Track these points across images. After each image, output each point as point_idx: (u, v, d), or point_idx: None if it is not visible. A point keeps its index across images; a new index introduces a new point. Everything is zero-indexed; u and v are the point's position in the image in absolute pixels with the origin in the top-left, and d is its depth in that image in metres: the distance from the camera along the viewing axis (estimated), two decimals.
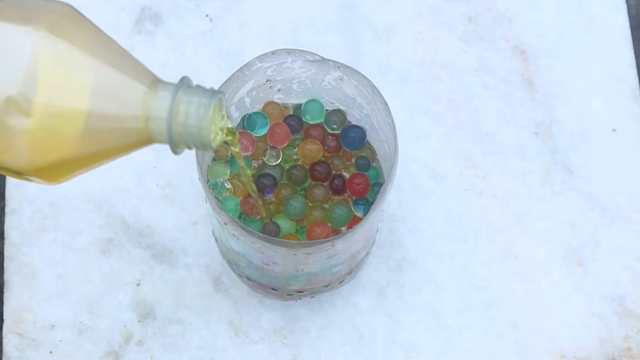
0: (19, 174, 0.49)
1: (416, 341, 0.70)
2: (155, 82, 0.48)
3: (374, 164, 0.64)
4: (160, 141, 0.49)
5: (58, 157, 0.49)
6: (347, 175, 0.63)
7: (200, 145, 0.49)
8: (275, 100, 0.64)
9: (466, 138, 0.74)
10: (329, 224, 0.62)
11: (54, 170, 0.50)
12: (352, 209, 0.62)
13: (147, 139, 0.49)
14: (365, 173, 0.63)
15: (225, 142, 0.53)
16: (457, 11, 0.77)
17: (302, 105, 0.64)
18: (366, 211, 0.63)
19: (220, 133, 0.50)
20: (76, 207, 0.72)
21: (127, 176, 0.72)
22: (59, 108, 0.47)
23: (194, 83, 0.49)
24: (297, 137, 0.64)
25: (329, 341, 0.69)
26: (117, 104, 0.47)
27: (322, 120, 0.64)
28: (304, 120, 0.64)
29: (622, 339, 0.70)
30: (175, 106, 0.47)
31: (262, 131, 0.64)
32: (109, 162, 0.51)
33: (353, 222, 0.62)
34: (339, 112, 0.64)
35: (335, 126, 0.64)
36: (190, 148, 0.49)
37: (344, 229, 0.62)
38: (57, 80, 0.46)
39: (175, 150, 0.49)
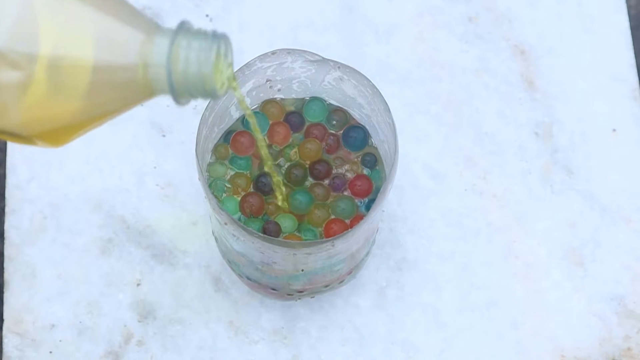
0: (20, 137, 0.46)
1: (416, 341, 0.70)
2: (154, 29, 0.45)
3: (377, 165, 0.64)
4: (163, 92, 0.45)
5: (58, 115, 0.46)
6: (346, 173, 0.63)
7: (203, 93, 0.45)
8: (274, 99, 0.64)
9: (466, 138, 0.74)
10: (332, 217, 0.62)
11: (56, 131, 0.46)
12: (356, 203, 0.63)
13: (149, 91, 0.46)
14: (371, 171, 0.63)
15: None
16: (457, 11, 0.77)
17: (304, 104, 0.64)
18: (368, 208, 0.63)
19: (225, 82, 0.47)
20: (76, 207, 0.72)
21: (127, 176, 0.72)
22: (56, 61, 0.44)
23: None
24: (298, 133, 0.64)
25: (329, 341, 0.69)
26: (116, 53, 0.44)
27: (323, 119, 0.64)
28: (305, 118, 0.64)
29: (622, 339, 0.70)
30: (174, 52, 0.44)
31: (263, 131, 0.64)
32: (112, 118, 0.47)
33: (357, 216, 0.62)
34: (340, 112, 0.64)
35: (334, 122, 0.64)
36: (194, 98, 0.46)
37: (348, 222, 0.62)
38: (55, 31, 0.44)
39: (178, 100, 0.46)
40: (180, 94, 0.45)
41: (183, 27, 0.45)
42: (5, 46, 0.43)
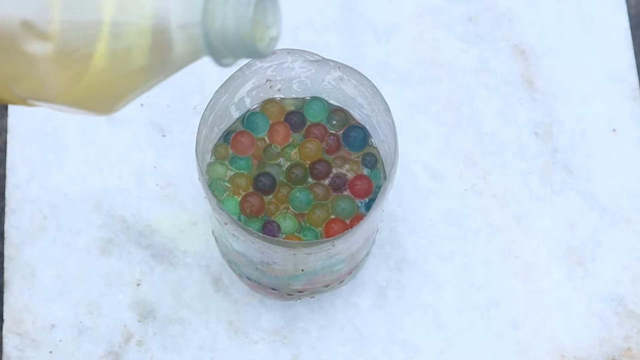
0: (61, 105, 0.43)
1: (416, 341, 0.70)
2: None
3: (378, 165, 0.64)
4: (204, 52, 0.42)
5: (115, 85, 0.42)
6: (346, 173, 0.63)
7: (245, 53, 0.42)
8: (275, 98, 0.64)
9: (466, 138, 0.74)
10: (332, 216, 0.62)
11: (93, 99, 0.43)
12: (356, 203, 0.63)
13: (192, 52, 0.42)
14: (371, 171, 0.63)
15: None
16: (457, 11, 0.77)
17: (305, 104, 0.64)
18: (368, 208, 0.63)
19: (272, 41, 0.43)
20: (76, 207, 0.72)
21: (127, 176, 0.72)
22: (117, 29, 0.41)
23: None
24: (299, 133, 0.64)
25: (329, 341, 0.69)
26: (146, 15, 0.41)
27: (323, 119, 0.64)
28: (306, 117, 0.64)
29: (622, 339, 0.70)
30: (209, 9, 0.41)
31: (263, 131, 0.64)
32: (157, 84, 0.44)
33: (357, 216, 0.62)
34: (341, 112, 0.64)
35: (334, 122, 0.64)
36: (238, 58, 0.42)
37: (348, 222, 0.62)
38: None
39: (220, 61, 0.42)
40: (221, 54, 0.42)
41: None
42: (33, 14, 0.40)
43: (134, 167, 0.73)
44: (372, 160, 0.63)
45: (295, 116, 0.64)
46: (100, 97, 0.43)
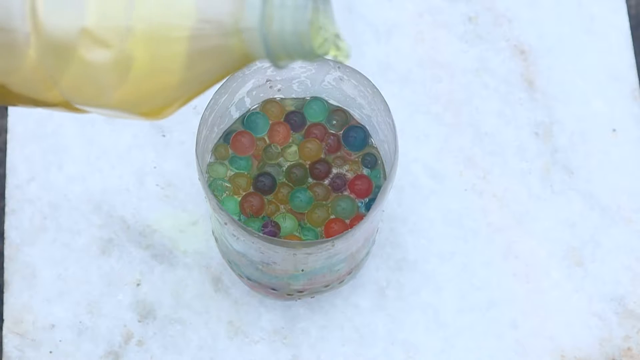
0: (122, 114, 0.43)
1: (416, 341, 0.70)
2: None
3: (378, 165, 0.64)
4: (261, 55, 0.42)
5: (158, 91, 0.42)
6: (346, 173, 0.63)
7: (302, 55, 0.42)
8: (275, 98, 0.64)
9: (466, 138, 0.74)
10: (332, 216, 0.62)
11: (158, 105, 0.43)
12: (356, 203, 0.63)
13: (246, 55, 0.42)
14: (371, 171, 0.63)
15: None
16: (457, 11, 0.77)
17: (305, 104, 0.64)
18: (368, 208, 0.63)
19: (326, 42, 0.44)
20: (76, 207, 0.72)
21: (127, 176, 0.72)
22: (152, 34, 0.41)
23: None
24: (299, 133, 0.64)
25: (329, 341, 0.69)
26: (211, 18, 0.41)
27: (324, 119, 0.64)
28: (306, 117, 0.64)
29: (622, 339, 0.70)
30: (267, 12, 0.41)
31: (263, 131, 0.64)
32: (211, 87, 0.44)
33: (357, 216, 0.62)
34: (341, 112, 0.64)
35: (334, 122, 0.64)
36: (294, 60, 0.42)
37: (348, 222, 0.62)
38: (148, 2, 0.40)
39: (277, 63, 0.42)
40: (279, 56, 0.42)
41: None
42: (96, 24, 0.40)
43: (134, 167, 0.73)
44: (372, 160, 0.63)
45: (295, 116, 0.64)
46: (154, 101, 0.43)
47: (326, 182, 0.63)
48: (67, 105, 0.43)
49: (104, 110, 0.43)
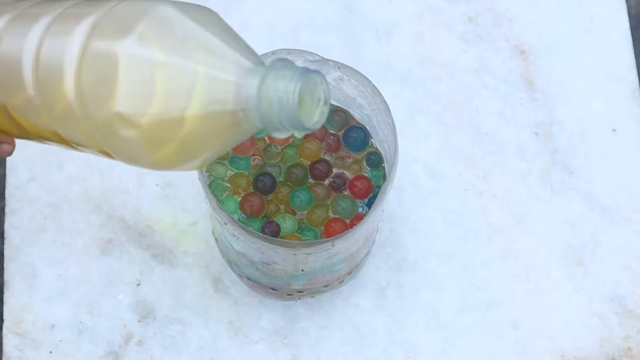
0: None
1: (416, 341, 0.70)
2: (248, 70, 0.48)
3: (382, 164, 0.64)
4: (259, 128, 0.49)
5: (179, 159, 0.50)
6: (346, 173, 0.63)
7: (295, 129, 0.48)
8: None
9: (466, 138, 0.74)
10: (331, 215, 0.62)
11: (172, 165, 0.51)
12: (356, 203, 0.63)
13: (250, 128, 0.49)
14: (372, 171, 0.63)
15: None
16: (457, 11, 0.77)
17: None
18: (368, 208, 0.63)
19: (318, 117, 0.49)
20: (76, 207, 0.72)
21: (127, 176, 0.72)
22: (164, 116, 0.48)
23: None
24: None
25: (329, 341, 0.69)
26: (214, 102, 0.48)
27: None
28: None
29: (622, 339, 0.70)
30: (262, 96, 0.47)
31: (263, 132, 0.64)
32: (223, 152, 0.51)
33: (357, 216, 0.62)
34: (341, 112, 0.64)
35: (335, 123, 0.64)
36: (290, 132, 0.48)
37: (348, 222, 0.62)
38: (166, 89, 0.47)
39: (273, 134, 0.48)
40: (275, 129, 0.48)
41: (273, 67, 0.48)
42: (125, 109, 0.48)
43: (134, 167, 0.73)
44: (376, 159, 0.63)
45: None
46: (181, 163, 0.51)
47: (326, 182, 0.63)
48: (109, 157, 0.52)
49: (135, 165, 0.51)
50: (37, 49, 0.50)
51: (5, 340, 0.69)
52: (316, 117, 0.49)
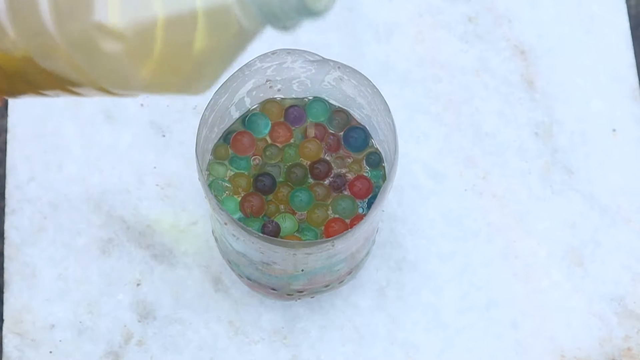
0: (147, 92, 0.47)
1: (416, 341, 0.70)
2: None
3: (382, 164, 0.64)
4: (259, 21, 0.44)
5: (183, 71, 0.45)
6: (346, 173, 0.63)
7: (301, 14, 0.43)
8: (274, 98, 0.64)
9: (466, 138, 0.74)
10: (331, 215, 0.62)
11: (188, 83, 0.46)
12: (356, 203, 0.63)
13: (249, 27, 0.45)
14: (372, 171, 0.63)
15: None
16: (457, 11, 0.77)
17: (306, 104, 0.64)
18: (368, 208, 0.63)
19: None
20: (76, 207, 0.72)
21: (127, 176, 0.72)
22: (168, 21, 0.44)
23: None
24: (299, 127, 0.64)
25: (329, 341, 0.69)
26: None
27: (325, 119, 0.64)
28: (307, 117, 0.64)
29: (622, 339, 0.70)
30: None
31: (264, 132, 0.64)
32: (231, 63, 0.47)
33: (357, 216, 0.62)
34: (342, 112, 0.64)
35: (336, 123, 0.64)
36: (294, 19, 0.43)
37: (348, 222, 0.62)
38: None
39: (276, 26, 0.44)
40: (276, 19, 0.44)
41: None
42: (106, 18, 0.43)
43: (134, 167, 0.73)
44: (377, 159, 0.63)
45: (295, 111, 0.64)
46: (182, 80, 0.46)
47: (326, 182, 0.63)
48: (101, 89, 0.47)
49: (140, 91, 0.46)
50: None
51: (5, 340, 0.69)
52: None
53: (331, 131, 0.64)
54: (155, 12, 0.43)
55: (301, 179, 0.63)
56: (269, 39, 0.76)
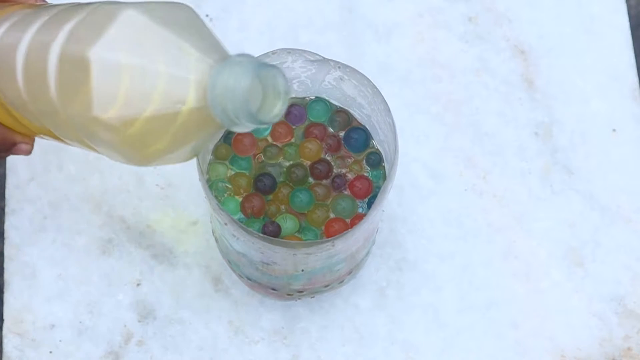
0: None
1: (416, 341, 0.70)
2: (209, 66, 0.49)
3: (382, 163, 0.64)
4: (219, 125, 0.50)
5: (153, 154, 0.52)
6: (346, 173, 0.63)
7: (253, 123, 0.49)
8: None
9: (466, 138, 0.74)
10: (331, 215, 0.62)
11: (157, 160, 0.53)
12: (356, 203, 0.63)
13: (212, 123, 0.50)
14: (372, 171, 0.63)
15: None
16: (457, 11, 0.77)
17: (308, 104, 0.64)
18: (368, 208, 0.63)
19: (278, 109, 0.50)
20: (76, 207, 0.72)
21: (127, 176, 0.72)
22: (131, 118, 0.49)
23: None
24: (299, 126, 0.64)
25: (329, 341, 0.69)
26: (177, 101, 0.49)
27: (326, 119, 0.64)
28: (308, 117, 0.64)
29: (622, 339, 0.70)
30: (217, 92, 0.48)
31: (265, 132, 0.64)
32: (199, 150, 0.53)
33: (357, 216, 0.62)
34: (343, 113, 0.64)
35: (337, 123, 0.64)
36: (248, 128, 0.49)
37: (348, 221, 0.62)
38: (126, 91, 0.49)
39: (233, 128, 0.50)
40: (234, 124, 0.49)
41: (226, 64, 0.48)
42: (101, 113, 0.49)
43: (134, 167, 0.72)
44: (377, 159, 0.63)
45: (295, 109, 0.64)
46: (165, 158, 0.53)
47: (326, 182, 0.63)
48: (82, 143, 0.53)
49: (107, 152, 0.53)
50: (26, 51, 0.51)
51: (5, 340, 0.69)
52: (276, 110, 0.50)
53: (331, 131, 0.64)
54: (145, 112, 0.49)
55: (301, 179, 0.63)
56: (269, 39, 0.76)
